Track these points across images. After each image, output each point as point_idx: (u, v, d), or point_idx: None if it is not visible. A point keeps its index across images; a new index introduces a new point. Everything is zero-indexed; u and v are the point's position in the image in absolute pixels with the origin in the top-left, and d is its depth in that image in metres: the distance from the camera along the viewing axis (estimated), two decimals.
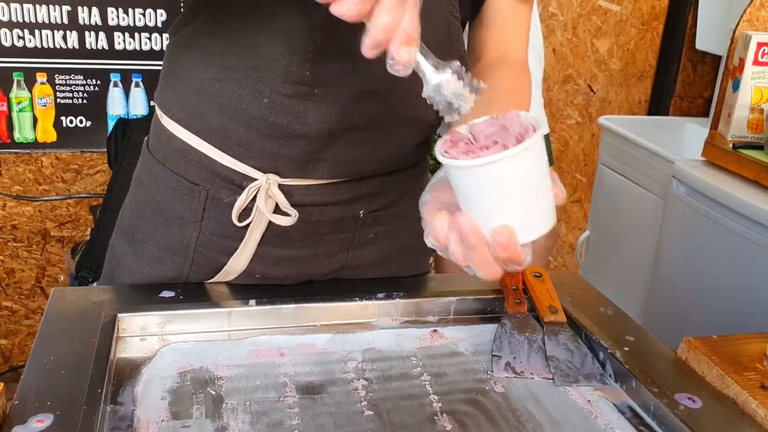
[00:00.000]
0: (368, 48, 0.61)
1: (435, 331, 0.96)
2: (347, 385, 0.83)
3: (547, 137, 2.11)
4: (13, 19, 2.11)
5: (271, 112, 0.89)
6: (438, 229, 0.69)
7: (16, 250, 2.37)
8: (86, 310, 0.90)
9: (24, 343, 2.47)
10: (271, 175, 0.93)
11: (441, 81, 0.65)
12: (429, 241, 0.71)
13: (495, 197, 0.65)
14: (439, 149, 0.67)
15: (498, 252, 0.65)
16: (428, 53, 0.65)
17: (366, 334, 0.94)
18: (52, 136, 2.25)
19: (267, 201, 0.94)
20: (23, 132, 2.23)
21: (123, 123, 2.09)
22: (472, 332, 0.96)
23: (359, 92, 0.90)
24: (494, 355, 0.90)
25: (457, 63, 0.65)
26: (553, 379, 0.87)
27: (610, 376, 0.88)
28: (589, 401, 0.84)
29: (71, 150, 2.30)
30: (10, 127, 2.22)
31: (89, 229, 2.26)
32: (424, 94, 0.66)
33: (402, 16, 0.60)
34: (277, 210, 0.95)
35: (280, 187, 0.94)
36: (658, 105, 2.90)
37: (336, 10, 0.60)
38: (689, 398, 0.81)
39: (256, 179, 0.94)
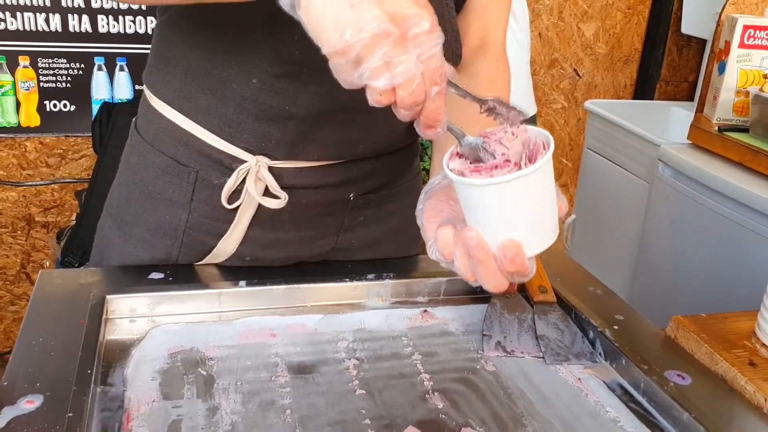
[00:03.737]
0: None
1: (425, 311, 0.96)
2: (338, 365, 0.83)
3: (534, 118, 2.11)
4: None
5: (261, 93, 0.89)
6: (443, 243, 0.70)
7: (0, 236, 2.35)
8: (74, 292, 0.90)
9: (9, 330, 2.45)
10: (260, 157, 0.93)
11: (471, 142, 0.67)
12: (434, 255, 0.72)
13: (504, 213, 0.66)
14: (446, 163, 0.68)
15: (506, 266, 0.66)
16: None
17: (356, 314, 0.94)
18: (35, 121, 2.23)
19: (257, 183, 0.93)
20: (6, 116, 2.20)
21: (108, 107, 2.07)
22: (462, 312, 0.96)
23: None
24: (484, 335, 0.90)
25: (492, 100, 0.67)
26: (543, 357, 0.87)
27: (600, 354, 0.89)
28: (579, 379, 0.84)
29: (55, 134, 2.27)
30: None
31: (74, 215, 2.25)
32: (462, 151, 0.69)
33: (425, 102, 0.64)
34: (267, 192, 0.94)
35: (270, 169, 0.93)
36: (643, 89, 2.91)
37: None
38: (679, 375, 0.81)
39: (246, 161, 0.93)
